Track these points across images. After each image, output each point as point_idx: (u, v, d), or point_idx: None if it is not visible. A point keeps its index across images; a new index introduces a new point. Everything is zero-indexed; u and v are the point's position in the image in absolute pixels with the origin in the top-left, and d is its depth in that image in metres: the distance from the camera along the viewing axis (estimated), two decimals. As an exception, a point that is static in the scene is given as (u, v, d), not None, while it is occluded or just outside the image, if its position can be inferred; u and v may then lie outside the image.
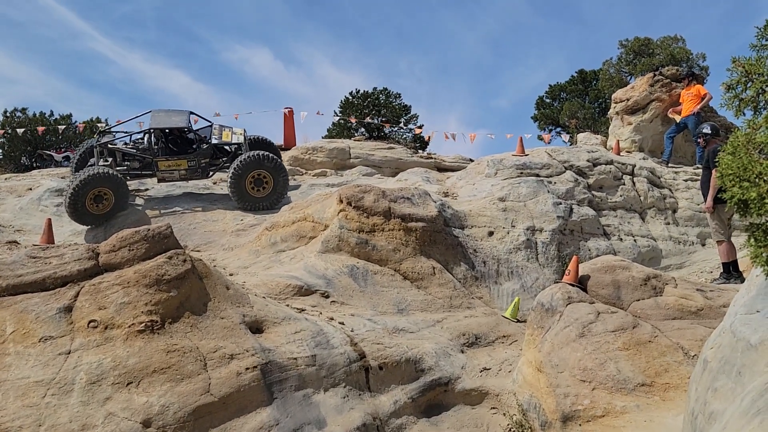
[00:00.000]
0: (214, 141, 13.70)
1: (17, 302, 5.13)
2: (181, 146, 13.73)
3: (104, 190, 12.28)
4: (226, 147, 13.88)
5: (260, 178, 12.76)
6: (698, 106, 12.25)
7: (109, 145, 13.56)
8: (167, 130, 13.61)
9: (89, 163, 13.74)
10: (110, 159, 13.26)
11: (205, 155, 13.53)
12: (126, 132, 14.25)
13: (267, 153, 13.04)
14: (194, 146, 13.65)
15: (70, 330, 5.05)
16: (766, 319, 3.40)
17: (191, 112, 14.07)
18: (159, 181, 13.80)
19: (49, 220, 8.27)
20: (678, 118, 12.76)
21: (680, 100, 12.83)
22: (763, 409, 2.73)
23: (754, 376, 3.12)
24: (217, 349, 5.32)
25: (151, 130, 13.48)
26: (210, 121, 14.52)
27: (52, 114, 27.49)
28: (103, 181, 12.26)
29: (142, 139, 13.85)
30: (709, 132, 8.77)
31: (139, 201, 13.59)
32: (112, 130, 14.35)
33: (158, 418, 4.67)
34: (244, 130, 14.14)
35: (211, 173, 14.02)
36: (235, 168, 12.73)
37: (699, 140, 9.31)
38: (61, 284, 5.37)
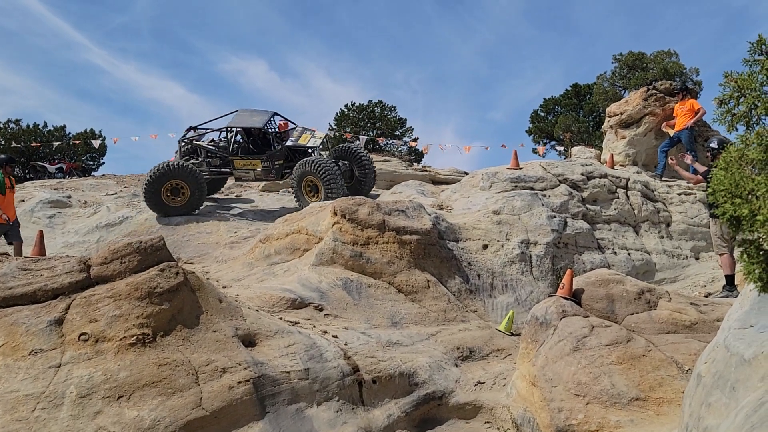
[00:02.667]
0: (289, 143, 13.61)
1: (7, 315, 5.09)
2: (261, 147, 13.72)
3: (180, 183, 12.40)
4: (309, 150, 13.77)
5: (314, 184, 12.64)
6: (692, 121, 12.27)
7: (194, 142, 13.72)
8: (253, 129, 13.66)
9: None
10: (200, 157, 13.52)
11: (278, 157, 13.46)
12: (212, 129, 14.40)
13: (316, 159, 12.69)
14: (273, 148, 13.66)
15: (60, 343, 5.01)
16: (760, 333, 3.39)
17: (275, 113, 14.09)
18: (236, 180, 13.94)
19: (41, 232, 8.22)
20: (672, 132, 12.79)
21: (674, 114, 12.87)
22: (757, 425, 2.72)
23: (748, 391, 3.10)
24: (209, 362, 5.28)
25: (228, 129, 13.59)
26: (295, 123, 14.52)
27: (45, 125, 27.48)
28: (177, 173, 12.39)
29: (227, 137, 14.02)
30: (716, 146, 8.49)
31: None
32: (201, 126, 14.45)
33: (149, 432, 4.63)
34: (325, 135, 14.15)
35: (285, 175, 13.89)
36: (293, 174, 12.79)
37: (707, 154, 9.03)
38: (52, 297, 5.33)
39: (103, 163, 30.10)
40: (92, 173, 26.32)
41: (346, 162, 13.74)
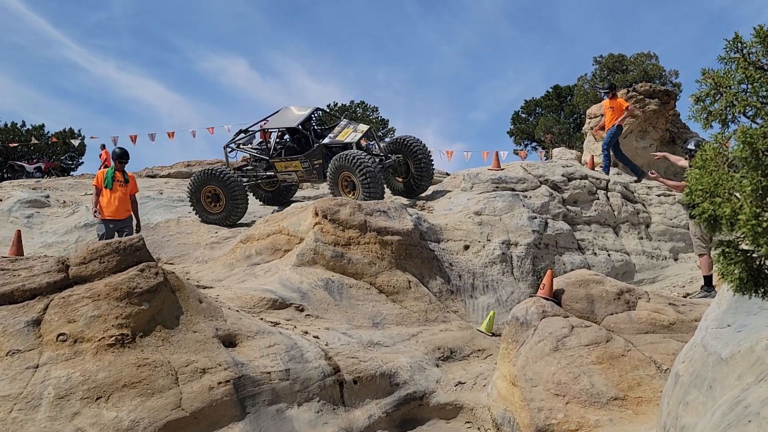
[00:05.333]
0: (326, 141, 12.40)
1: (-16, 315, 5.02)
2: (304, 146, 12.73)
3: (216, 190, 11.87)
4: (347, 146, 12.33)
5: (351, 180, 11.42)
6: (620, 118, 12.31)
7: (241, 146, 13.08)
8: (298, 127, 12.61)
9: None
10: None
11: (317, 156, 12.30)
12: (253, 132, 13.45)
13: (353, 153, 11.37)
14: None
15: (38, 343, 4.95)
16: (737, 333, 3.43)
17: (318, 108, 13.21)
18: (281, 183, 13.11)
19: (19, 231, 8.11)
20: (603, 134, 12.85)
21: (603, 113, 12.94)
22: (733, 423, 2.74)
23: (724, 389, 3.14)
24: (189, 363, 5.25)
25: (264, 130, 12.83)
26: (339, 118, 13.49)
27: (23, 124, 27.17)
28: (210, 179, 11.86)
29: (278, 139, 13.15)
30: (694, 148, 8.55)
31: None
32: (251, 129, 13.55)
33: (128, 433, 4.59)
34: (369, 128, 12.75)
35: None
36: (329, 169, 11.67)
37: (685, 157, 9.02)
38: (29, 297, 5.27)
39: (82, 162, 29.85)
40: (71, 173, 26.06)
41: (399, 156, 12.27)
